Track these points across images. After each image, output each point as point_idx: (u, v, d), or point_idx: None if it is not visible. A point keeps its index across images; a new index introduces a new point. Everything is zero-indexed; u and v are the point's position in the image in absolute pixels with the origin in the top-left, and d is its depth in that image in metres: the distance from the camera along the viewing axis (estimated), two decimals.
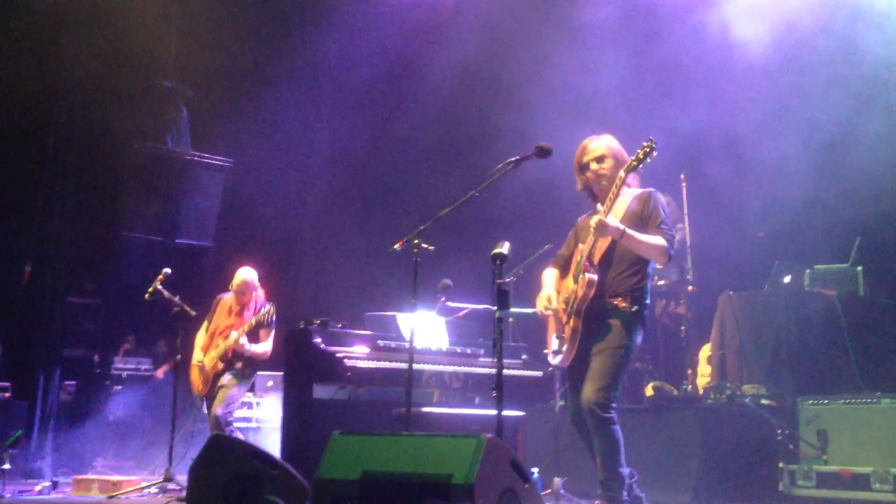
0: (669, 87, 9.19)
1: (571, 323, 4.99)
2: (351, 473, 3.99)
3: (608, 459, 4.82)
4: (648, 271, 5.10)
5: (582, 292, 4.94)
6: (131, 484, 7.49)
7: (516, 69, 10.11)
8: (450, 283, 6.36)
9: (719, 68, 8.79)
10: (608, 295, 4.98)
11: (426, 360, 6.55)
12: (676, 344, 8.08)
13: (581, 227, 5.34)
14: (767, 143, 8.72)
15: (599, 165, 5.11)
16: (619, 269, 5.01)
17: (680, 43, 8.90)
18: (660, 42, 9.15)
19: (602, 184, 5.11)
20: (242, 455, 4.68)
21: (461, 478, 3.74)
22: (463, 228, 8.88)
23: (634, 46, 9.24)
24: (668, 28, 9.11)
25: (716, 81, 8.85)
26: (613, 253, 5.01)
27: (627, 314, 4.96)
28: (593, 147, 5.15)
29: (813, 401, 6.27)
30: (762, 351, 7.33)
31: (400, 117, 11.08)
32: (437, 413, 6.23)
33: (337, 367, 6.28)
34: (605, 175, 5.09)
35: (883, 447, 5.79)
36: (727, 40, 8.56)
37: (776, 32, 8.32)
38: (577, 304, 4.96)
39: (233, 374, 7.88)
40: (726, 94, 8.85)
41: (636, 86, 9.27)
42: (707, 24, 8.66)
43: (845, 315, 7.22)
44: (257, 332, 7.88)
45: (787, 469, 6.16)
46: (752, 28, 8.39)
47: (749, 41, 8.42)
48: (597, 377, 4.84)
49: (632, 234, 4.87)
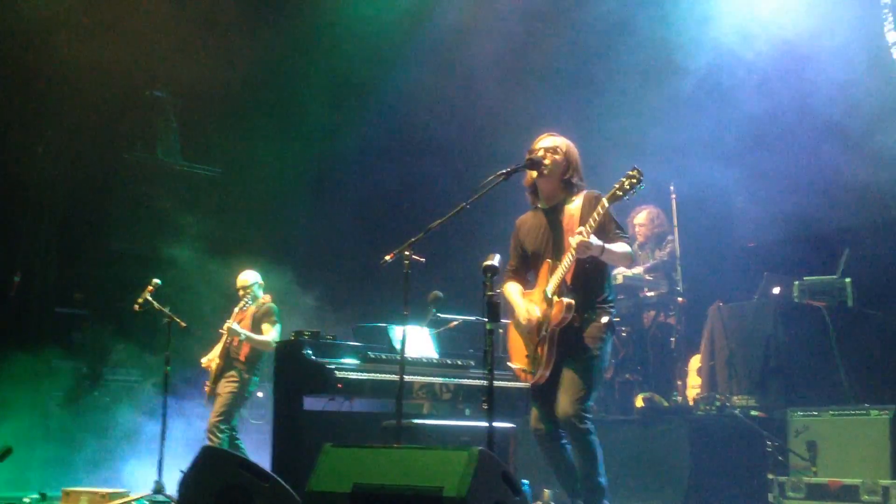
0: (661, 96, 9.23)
1: (546, 345, 4.89)
2: (342, 486, 3.98)
3: (588, 471, 4.81)
4: (611, 279, 5.11)
5: (559, 317, 4.83)
6: (120, 496, 7.45)
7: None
8: (440, 295, 6.36)
9: (710, 77, 8.85)
10: (578, 309, 4.88)
11: (417, 371, 6.54)
12: (666, 355, 8.09)
13: (523, 227, 5.23)
14: (757, 153, 8.77)
15: (546, 153, 5.01)
16: (588, 284, 4.93)
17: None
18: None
19: (543, 174, 5.02)
20: (233, 467, 4.67)
21: (452, 490, 3.74)
22: (453, 240, 8.86)
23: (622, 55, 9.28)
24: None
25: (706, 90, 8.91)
26: (582, 270, 4.90)
27: (599, 326, 4.92)
28: (551, 139, 5.08)
29: (802, 412, 6.29)
30: (752, 362, 7.36)
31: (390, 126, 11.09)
32: (428, 425, 6.22)
33: (327, 378, 6.26)
34: (548, 166, 4.99)
35: (871, 458, 5.82)
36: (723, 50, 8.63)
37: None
38: (551, 327, 4.87)
39: (230, 381, 7.94)
40: (715, 105, 8.90)
41: (627, 98, 9.31)
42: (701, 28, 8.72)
43: (834, 326, 7.26)
44: (259, 326, 8.03)
45: (777, 480, 6.18)
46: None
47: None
48: (572, 389, 4.80)
49: (610, 248, 4.81)
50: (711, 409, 7.13)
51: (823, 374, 7.16)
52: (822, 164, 8.39)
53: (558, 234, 4.95)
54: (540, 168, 5.02)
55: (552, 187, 5.09)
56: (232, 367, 8.07)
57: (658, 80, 9.20)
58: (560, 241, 4.95)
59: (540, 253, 5.08)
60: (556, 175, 5.05)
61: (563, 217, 5.01)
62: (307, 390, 6.41)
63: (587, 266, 4.90)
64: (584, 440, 4.78)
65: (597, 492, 4.81)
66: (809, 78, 8.38)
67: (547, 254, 5.04)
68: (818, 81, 8.27)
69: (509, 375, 6.96)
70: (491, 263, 4.64)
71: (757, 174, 8.64)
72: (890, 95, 8.09)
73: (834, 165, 8.29)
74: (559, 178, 5.06)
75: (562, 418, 4.80)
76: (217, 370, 8.11)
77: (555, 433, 4.96)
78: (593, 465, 4.80)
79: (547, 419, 4.97)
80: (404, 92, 10.68)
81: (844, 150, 8.22)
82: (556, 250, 4.98)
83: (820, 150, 8.39)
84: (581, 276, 4.91)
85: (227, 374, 8.07)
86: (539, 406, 5.06)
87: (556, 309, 4.86)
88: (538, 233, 5.13)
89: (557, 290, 4.88)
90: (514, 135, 8.69)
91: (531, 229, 5.18)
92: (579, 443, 4.79)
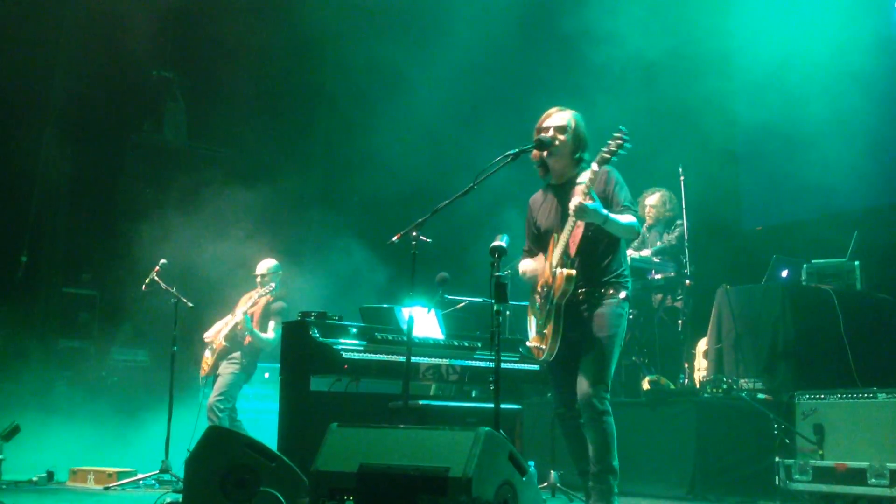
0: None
1: (553, 319, 4.87)
2: (348, 466, 3.99)
3: (604, 451, 4.79)
4: (624, 253, 5.06)
5: (561, 289, 4.82)
6: (127, 475, 7.49)
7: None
8: (447, 277, 6.34)
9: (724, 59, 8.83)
10: (592, 284, 4.89)
11: (423, 352, 6.55)
12: (673, 338, 8.08)
13: (535, 206, 5.22)
14: (766, 136, 8.75)
15: (556, 134, 4.99)
16: (597, 256, 4.91)
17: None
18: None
19: (553, 154, 5.01)
20: (239, 447, 4.68)
21: (459, 471, 3.74)
22: (461, 221, 8.84)
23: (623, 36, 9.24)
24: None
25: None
26: (589, 240, 4.88)
27: (615, 303, 4.90)
28: (559, 115, 5.04)
29: (809, 395, 6.26)
30: (759, 345, 7.33)
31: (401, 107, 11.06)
32: (434, 405, 6.23)
33: (334, 359, 6.28)
34: (557, 147, 4.99)
35: (879, 442, 5.79)
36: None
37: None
38: (556, 299, 4.85)
39: (230, 363, 7.97)
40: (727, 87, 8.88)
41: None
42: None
43: (842, 309, 7.22)
44: (266, 321, 8.02)
45: (784, 463, 6.16)
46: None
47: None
48: (592, 370, 4.78)
49: (614, 218, 4.77)
50: (718, 391, 7.10)
51: (831, 357, 7.13)
52: (829, 146, 8.36)
53: (567, 210, 4.93)
54: (550, 149, 4.99)
55: (563, 165, 5.06)
56: (236, 349, 8.09)
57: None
58: (568, 217, 4.92)
59: (551, 230, 5.05)
60: (567, 154, 5.03)
61: (573, 193, 4.98)
62: (314, 371, 6.43)
63: (591, 235, 4.86)
64: (601, 421, 4.76)
65: (609, 473, 4.80)
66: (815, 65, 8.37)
67: (556, 230, 5.01)
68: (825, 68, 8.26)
69: (516, 357, 7.00)
70: (498, 244, 4.62)
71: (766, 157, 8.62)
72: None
73: (839, 148, 8.26)
74: (570, 156, 5.04)
75: (582, 398, 4.78)
76: (220, 351, 8.11)
77: (574, 412, 4.95)
78: (608, 447, 4.79)
79: (567, 399, 4.97)
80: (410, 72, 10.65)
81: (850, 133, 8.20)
82: (564, 225, 4.94)
83: (825, 133, 8.36)
84: (586, 247, 4.87)
85: (230, 356, 8.09)
86: (558, 386, 5.06)
87: (557, 281, 4.83)
88: (549, 210, 5.11)
89: (560, 261, 4.85)
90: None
91: (542, 207, 5.16)
92: (596, 423, 4.77)
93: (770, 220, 9.55)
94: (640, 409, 7.22)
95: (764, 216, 9.53)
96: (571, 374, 4.87)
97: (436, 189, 7.46)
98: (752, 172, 9.05)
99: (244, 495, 4.55)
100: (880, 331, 7.56)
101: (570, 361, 4.88)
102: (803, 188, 8.80)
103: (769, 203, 9.29)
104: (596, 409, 4.75)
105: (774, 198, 8.82)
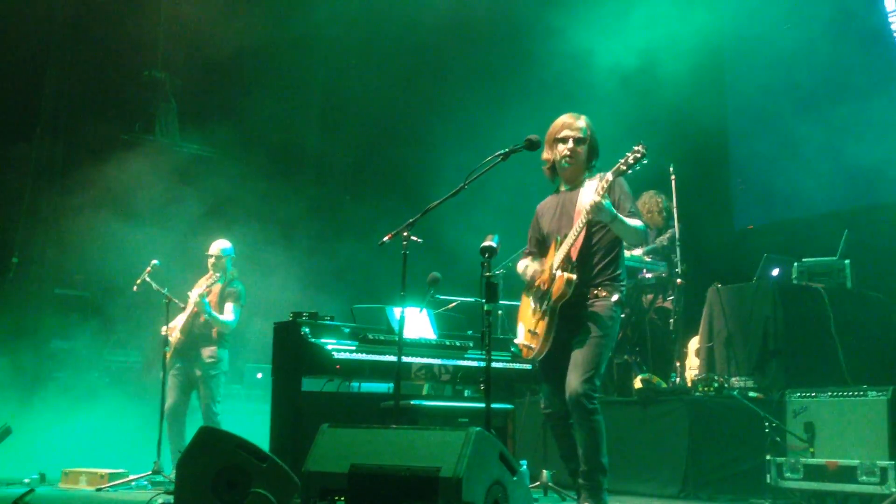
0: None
1: (546, 319, 4.90)
2: (340, 466, 3.99)
3: (593, 450, 4.81)
4: (623, 257, 5.09)
5: (560, 292, 4.84)
6: (119, 476, 7.48)
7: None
8: (439, 277, 6.34)
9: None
10: (587, 284, 4.92)
11: (415, 352, 6.56)
12: (665, 337, 8.09)
13: (542, 211, 5.25)
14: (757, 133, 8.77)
15: (576, 147, 5.02)
16: (596, 258, 4.95)
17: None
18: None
19: (570, 164, 5.04)
20: (231, 447, 4.67)
21: (450, 471, 3.75)
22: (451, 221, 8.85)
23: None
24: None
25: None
26: (591, 246, 4.93)
27: (608, 304, 4.92)
28: (578, 126, 5.05)
29: (800, 393, 6.28)
30: (750, 344, 7.34)
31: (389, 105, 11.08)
32: (426, 405, 6.24)
33: (326, 359, 6.29)
34: (574, 160, 5.03)
35: (869, 440, 5.81)
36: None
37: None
38: (553, 301, 4.87)
39: (211, 361, 7.87)
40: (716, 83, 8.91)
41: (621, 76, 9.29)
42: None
43: (833, 308, 7.25)
44: (222, 304, 7.93)
45: (775, 461, 6.17)
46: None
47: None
48: (581, 368, 4.80)
49: (622, 219, 4.82)
50: (710, 390, 7.12)
51: (822, 355, 7.15)
52: (820, 144, 8.38)
53: (572, 213, 4.94)
54: (569, 159, 5.02)
55: (577, 173, 5.10)
56: (208, 343, 7.97)
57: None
58: (572, 220, 4.94)
59: (553, 233, 5.09)
60: (582, 162, 5.08)
61: (578, 197, 5.01)
62: (305, 371, 6.42)
63: (594, 241, 4.92)
64: (590, 420, 4.78)
65: (598, 471, 4.82)
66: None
67: (559, 233, 5.04)
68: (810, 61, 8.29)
69: (507, 357, 7.00)
70: (488, 244, 4.63)
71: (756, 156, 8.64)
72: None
73: (831, 146, 8.28)
74: (584, 164, 5.09)
75: (571, 396, 4.79)
76: (177, 345, 7.97)
77: (564, 412, 4.96)
78: (597, 445, 4.81)
79: (557, 399, 4.98)
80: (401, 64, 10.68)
81: (840, 131, 8.22)
82: (567, 229, 4.97)
83: (816, 130, 8.38)
84: (588, 252, 4.92)
85: (208, 356, 7.94)
86: (549, 386, 5.07)
87: (556, 283, 4.85)
88: (553, 214, 5.14)
89: (562, 264, 4.88)
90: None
91: (549, 212, 5.19)
92: (585, 421, 4.79)
93: (761, 220, 9.57)
94: (631, 408, 7.23)
95: (755, 215, 9.54)
96: (561, 373, 4.88)
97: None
98: (742, 172, 9.06)
99: (235, 496, 4.54)
100: (870, 329, 7.59)
101: (561, 361, 4.90)
102: (794, 187, 8.81)
103: (760, 202, 9.30)
104: (585, 409, 4.76)
105: (765, 197, 8.83)
